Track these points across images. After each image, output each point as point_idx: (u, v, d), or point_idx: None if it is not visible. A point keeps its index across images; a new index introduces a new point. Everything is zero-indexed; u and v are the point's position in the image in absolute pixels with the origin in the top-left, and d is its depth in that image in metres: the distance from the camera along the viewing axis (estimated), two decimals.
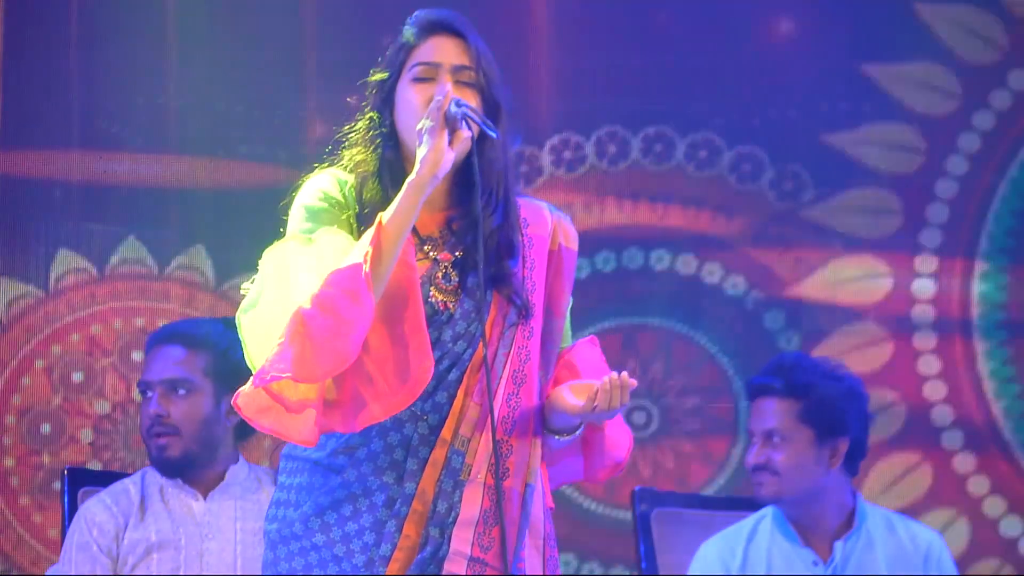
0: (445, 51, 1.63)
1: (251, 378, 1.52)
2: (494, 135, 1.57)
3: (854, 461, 2.48)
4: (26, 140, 3.95)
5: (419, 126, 1.55)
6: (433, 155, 1.53)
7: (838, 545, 2.34)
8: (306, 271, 1.52)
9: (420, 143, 1.54)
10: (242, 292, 1.61)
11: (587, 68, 3.87)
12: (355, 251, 1.51)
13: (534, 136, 3.71)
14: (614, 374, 1.55)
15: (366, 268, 1.48)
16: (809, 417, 2.33)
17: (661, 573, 2.63)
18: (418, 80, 1.63)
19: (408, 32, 1.67)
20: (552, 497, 1.74)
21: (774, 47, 3.92)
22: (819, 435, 2.33)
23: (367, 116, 1.68)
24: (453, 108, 1.54)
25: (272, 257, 1.58)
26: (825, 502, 2.43)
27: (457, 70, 1.62)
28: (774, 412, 2.34)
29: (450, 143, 1.54)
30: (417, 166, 1.53)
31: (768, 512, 2.45)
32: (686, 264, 3.81)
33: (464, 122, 1.54)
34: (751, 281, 3.85)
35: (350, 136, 1.70)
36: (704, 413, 3.84)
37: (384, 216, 1.53)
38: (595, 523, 3.95)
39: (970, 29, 3.76)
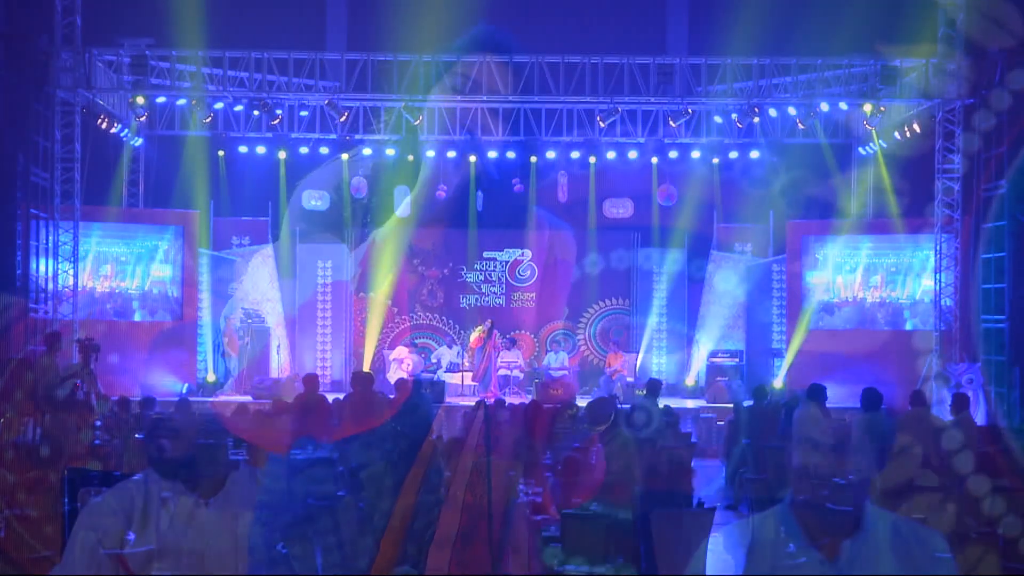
0: None
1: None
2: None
3: None
4: None
5: None
6: None
7: (846, 544, 2.32)
8: None
9: None
10: (223, 319, 1.62)
11: None
12: None
13: None
14: None
15: None
16: None
17: (661, 573, 2.63)
18: None
19: None
20: (553, 505, 1.75)
21: None
22: None
23: None
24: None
25: None
26: None
27: None
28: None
29: None
30: None
31: (774, 511, 2.43)
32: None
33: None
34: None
35: None
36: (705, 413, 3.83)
37: None
38: (595, 523, 3.94)
39: None
